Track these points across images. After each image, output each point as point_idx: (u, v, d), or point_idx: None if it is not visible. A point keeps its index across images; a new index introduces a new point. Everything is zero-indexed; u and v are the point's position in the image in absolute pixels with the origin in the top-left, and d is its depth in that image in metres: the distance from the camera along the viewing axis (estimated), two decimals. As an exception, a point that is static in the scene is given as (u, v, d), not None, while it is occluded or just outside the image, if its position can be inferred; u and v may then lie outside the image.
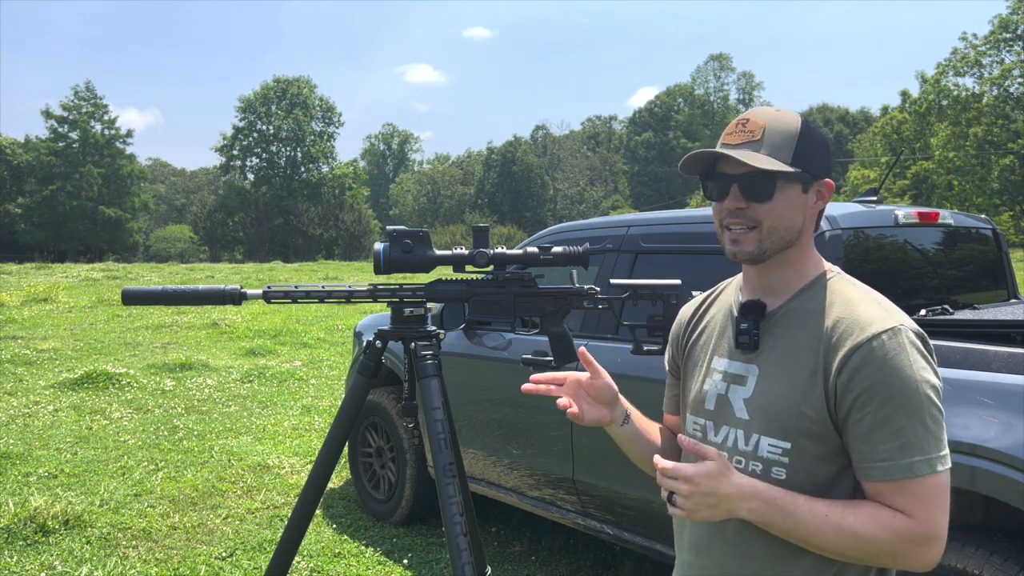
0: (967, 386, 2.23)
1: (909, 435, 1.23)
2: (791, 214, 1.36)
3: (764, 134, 1.35)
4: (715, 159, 1.40)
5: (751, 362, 1.40)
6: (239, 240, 60.26)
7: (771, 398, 1.35)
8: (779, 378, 1.35)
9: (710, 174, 1.41)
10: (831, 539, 1.25)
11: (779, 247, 1.37)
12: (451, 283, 2.17)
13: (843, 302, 1.34)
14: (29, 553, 3.88)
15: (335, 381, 8.46)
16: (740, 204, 1.36)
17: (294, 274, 27.24)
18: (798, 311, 1.38)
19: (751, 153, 1.33)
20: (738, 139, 1.36)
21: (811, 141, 1.36)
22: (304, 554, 3.94)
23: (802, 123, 1.37)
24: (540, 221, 67.64)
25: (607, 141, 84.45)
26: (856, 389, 1.26)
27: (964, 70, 42.64)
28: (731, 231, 1.38)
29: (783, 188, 1.35)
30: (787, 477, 1.32)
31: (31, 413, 6.75)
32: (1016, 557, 2.14)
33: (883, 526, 1.23)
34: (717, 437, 1.43)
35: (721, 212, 1.40)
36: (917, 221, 3.04)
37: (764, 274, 1.42)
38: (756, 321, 1.39)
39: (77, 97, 56.08)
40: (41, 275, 23.67)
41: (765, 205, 1.35)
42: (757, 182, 1.34)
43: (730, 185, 1.37)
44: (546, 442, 3.45)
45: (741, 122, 1.38)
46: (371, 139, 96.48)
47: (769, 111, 1.39)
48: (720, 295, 1.57)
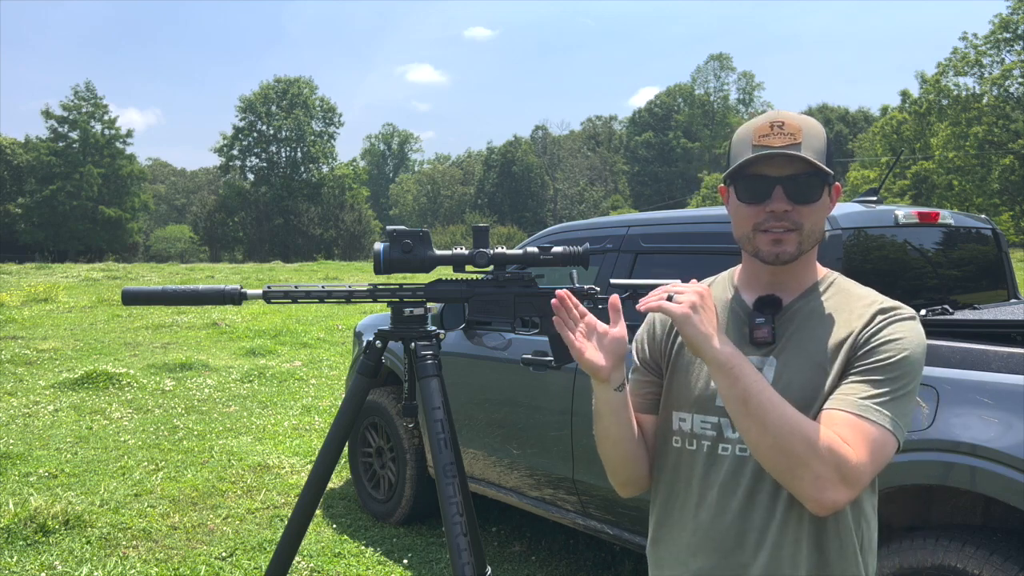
0: (967, 386, 2.23)
1: (885, 394, 1.29)
2: (824, 215, 1.40)
3: (803, 136, 1.35)
4: (752, 160, 1.36)
5: (767, 355, 1.41)
6: (239, 240, 60.26)
7: (796, 387, 1.36)
8: (803, 367, 1.37)
9: (742, 175, 1.38)
10: (782, 420, 1.26)
11: (810, 248, 1.40)
12: (451, 283, 2.17)
13: (858, 294, 1.42)
14: (29, 553, 3.88)
15: (335, 381, 8.46)
16: (786, 206, 1.35)
17: (294, 274, 27.24)
18: (812, 308, 1.42)
19: (796, 152, 1.34)
20: (780, 140, 1.34)
21: (831, 145, 1.41)
22: (304, 554, 3.94)
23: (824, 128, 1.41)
24: (540, 221, 67.64)
25: (607, 141, 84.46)
26: (875, 341, 1.33)
27: (964, 70, 42.64)
28: (770, 233, 1.37)
29: (822, 190, 1.38)
30: None
31: (31, 413, 6.75)
32: (1016, 557, 2.14)
33: (824, 435, 1.25)
34: (735, 433, 1.39)
35: (759, 215, 1.37)
36: (917, 221, 3.04)
37: (780, 272, 1.43)
38: (772, 316, 1.41)
39: (77, 97, 56.12)
40: (41, 275, 23.69)
41: (809, 207, 1.36)
42: (807, 183, 1.35)
43: (773, 187, 1.35)
44: (546, 442, 3.45)
45: (777, 124, 1.35)
46: (371, 139, 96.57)
47: (797, 115, 1.39)
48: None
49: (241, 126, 61.56)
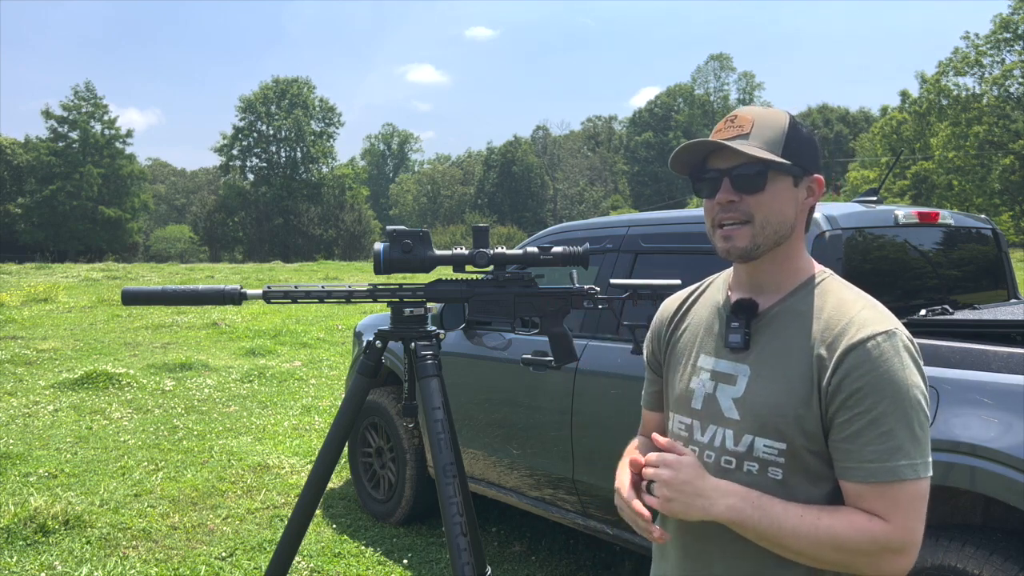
0: (967, 386, 2.23)
1: (897, 438, 1.22)
2: (783, 207, 1.35)
3: (753, 127, 1.34)
4: (706, 158, 1.39)
5: (741, 361, 1.38)
6: (239, 240, 60.26)
7: (764, 399, 1.33)
8: (772, 379, 1.33)
9: (701, 173, 1.40)
10: (807, 540, 1.23)
11: (772, 243, 1.35)
12: (451, 283, 2.17)
13: (836, 303, 1.33)
14: (29, 553, 3.88)
15: (335, 381, 8.45)
16: (732, 197, 1.34)
17: (294, 274, 27.24)
18: (790, 311, 1.36)
19: (742, 143, 1.32)
20: (727, 134, 1.35)
21: (799, 136, 1.36)
22: (304, 554, 3.94)
23: (790, 118, 1.37)
24: (540, 221, 67.63)
25: (607, 141, 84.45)
26: (848, 388, 1.24)
27: (965, 70, 42.64)
28: (723, 228, 1.36)
29: (774, 180, 1.34)
30: (783, 478, 1.31)
31: (31, 413, 6.75)
32: (1016, 557, 2.13)
33: (859, 529, 1.22)
34: (704, 437, 1.40)
35: (713, 209, 1.38)
36: (917, 221, 3.04)
37: (755, 272, 1.40)
38: (747, 320, 1.38)
39: (77, 97, 56.11)
40: (41, 275, 23.69)
41: (756, 197, 1.33)
42: (748, 174, 1.33)
43: (721, 180, 1.35)
44: (546, 442, 3.45)
45: (730, 118, 1.37)
46: (371, 139, 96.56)
47: (757, 108, 1.39)
48: (706, 291, 1.55)
49: (241, 126, 61.60)
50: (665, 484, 1.28)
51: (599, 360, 3.21)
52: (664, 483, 1.29)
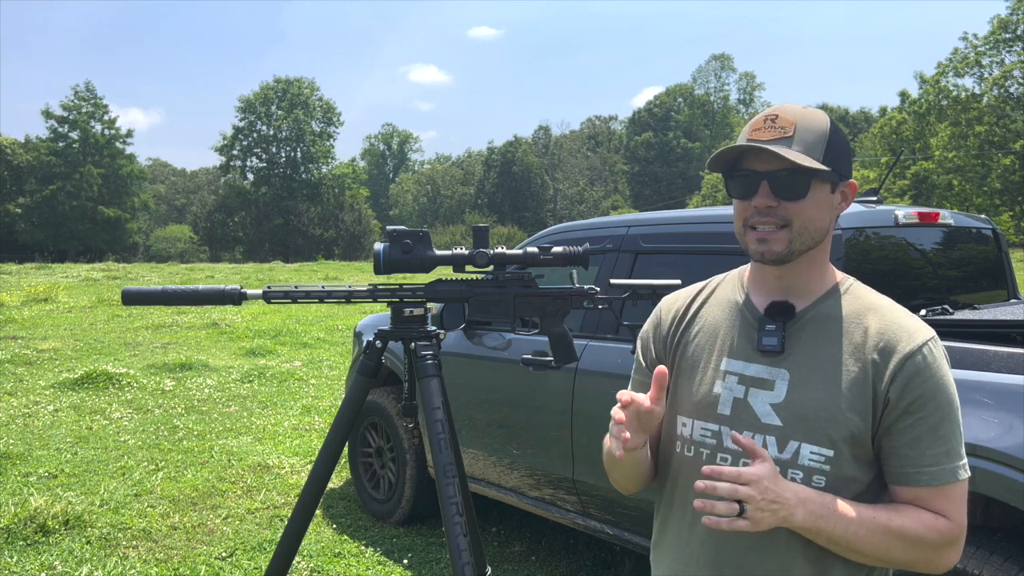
0: (967, 386, 2.23)
1: (952, 442, 1.28)
2: (820, 214, 1.32)
3: (796, 131, 1.29)
4: (739, 155, 1.33)
5: (778, 366, 1.34)
6: (239, 240, 60.25)
7: (811, 404, 1.30)
8: (818, 384, 1.31)
9: (733, 170, 1.35)
10: (881, 542, 1.25)
11: (807, 248, 1.33)
12: (451, 283, 2.17)
13: (876, 309, 1.35)
14: (29, 553, 3.88)
15: (335, 381, 8.45)
16: (771, 202, 1.30)
17: (294, 274, 27.24)
18: (824, 316, 1.35)
19: (787, 149, 1.28)
20: (769, 135, 1.30)
21: (839, 140, 1.33)
22: (304, 554, 3.94)
23: (830, 122, 1.34)
24: (540, 221, 67.63)
25: (607, 141, 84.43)
26: (910, 396, 1.27)
27: (964, 70, 42.64)
28: (757, 230, 1.33)
29: (815, 187, 1.31)
30: (826, 485, 1.29)
31: (31, 413, 6.75)
32: (1016, 557, 2.14)
33: (928, 527, 1.26)
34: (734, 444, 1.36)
35: (747, 210, 1.33)
36: (917, 221, 3.03)
37: (786, 275, 1.37)
38: (784, 323, 1.35)
39: (77, 97, 56.13)
40: (41, 275, 23.68)
41: (797, 204, 1.30)
42: (791, 179, 1.29)
43: (759, 182, 1.31)
44: (546, 442, 3.45)
45: (770, 117, 1.32)
46: (371, 139, 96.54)
47: (797, 108, 1.33)
48: (715, 291, 1.50)
49: (241, 126, 61.60)
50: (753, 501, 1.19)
51: (599, 360, 3.21)
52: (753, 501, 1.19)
